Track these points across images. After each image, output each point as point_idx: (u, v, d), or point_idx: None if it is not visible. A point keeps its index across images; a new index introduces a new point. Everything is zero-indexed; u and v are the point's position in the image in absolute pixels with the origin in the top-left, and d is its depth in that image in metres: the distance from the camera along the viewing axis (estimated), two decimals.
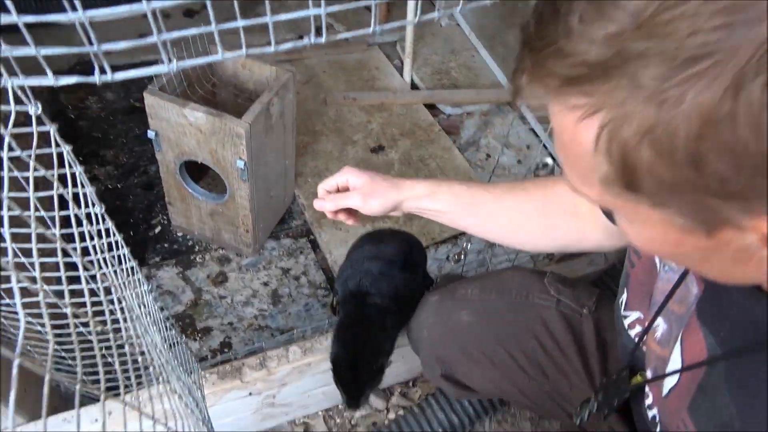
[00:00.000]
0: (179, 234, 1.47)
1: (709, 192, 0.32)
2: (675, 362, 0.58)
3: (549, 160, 1.80)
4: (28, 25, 0.35)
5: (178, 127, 1.15)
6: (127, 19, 0.37)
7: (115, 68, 0.38)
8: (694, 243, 0.38)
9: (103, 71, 0.38)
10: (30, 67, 0.39)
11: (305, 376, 1.06)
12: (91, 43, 0.36)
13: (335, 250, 1.44)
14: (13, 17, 0.34)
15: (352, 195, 0.77)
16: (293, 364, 1.02)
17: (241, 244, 1.40)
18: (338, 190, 0.80)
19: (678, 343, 0.58)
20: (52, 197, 0.46)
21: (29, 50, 0.36)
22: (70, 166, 0.47)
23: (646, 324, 0.65)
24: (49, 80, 0.38)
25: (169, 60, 0.40)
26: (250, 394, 1.03)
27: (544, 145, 1.81)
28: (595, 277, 1.34)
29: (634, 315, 0.69)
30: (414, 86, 1.97)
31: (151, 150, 1.58)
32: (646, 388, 0.66)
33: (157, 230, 1.47)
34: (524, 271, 0.96)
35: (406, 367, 1.24)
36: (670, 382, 0.59)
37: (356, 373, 0.88)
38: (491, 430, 1.27)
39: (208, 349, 1.28)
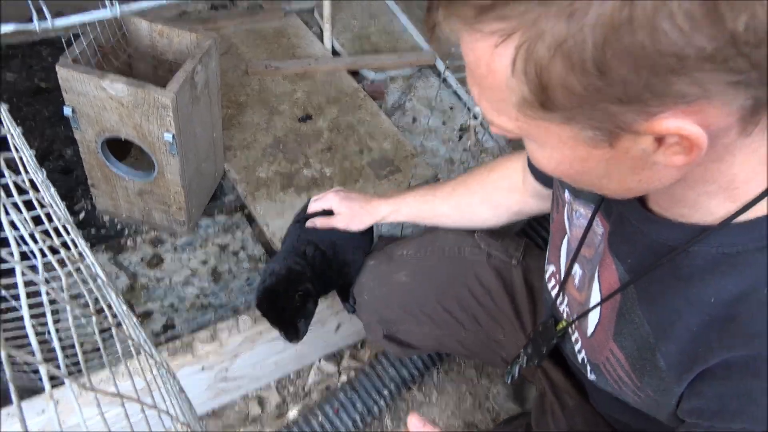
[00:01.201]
0: (106, 218, 1.39)
1: (613, 99, 0.35)
2: (595, 299, 0.63)
3: (472, 122, 1.85)
4: None
5: (97, 102, 1.08)
6: None
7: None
8: (598, 156, 0.41)
9: (42, 16, 0.36)
10: None
11: (257, 346, 1.06)
12: None
13: (272, 222, 1.43)
14: None
15: (338, 220, 0.96)
16: (244, 333, 1.01)
17: (174, 223, 1.36)
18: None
19: (595, 281, 0.62)
20: None
21: None
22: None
23: (562, 275, 0.70)
24: None
25: (111, 4, 0.39)
26: (203, 368, 1.01)
27: (468, 108, 1.86)
28: (519, 228, 1.41)
29: (550, 269, 0.75)
30: (335, 53, 1.95)
31: (65, 132, 1.48)
32: (573, 334, 0.70)
33: (81, 216, 1.39)
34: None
35: (354, 328, 1.25)
36: (593, 321, 0.64)
37: (278, 304, 0.88)
38: (439, 381, 1.32)
39: (152, 332, 1.24)
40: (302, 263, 0.90)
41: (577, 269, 0.68)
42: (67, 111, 1.11)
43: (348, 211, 0.96)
